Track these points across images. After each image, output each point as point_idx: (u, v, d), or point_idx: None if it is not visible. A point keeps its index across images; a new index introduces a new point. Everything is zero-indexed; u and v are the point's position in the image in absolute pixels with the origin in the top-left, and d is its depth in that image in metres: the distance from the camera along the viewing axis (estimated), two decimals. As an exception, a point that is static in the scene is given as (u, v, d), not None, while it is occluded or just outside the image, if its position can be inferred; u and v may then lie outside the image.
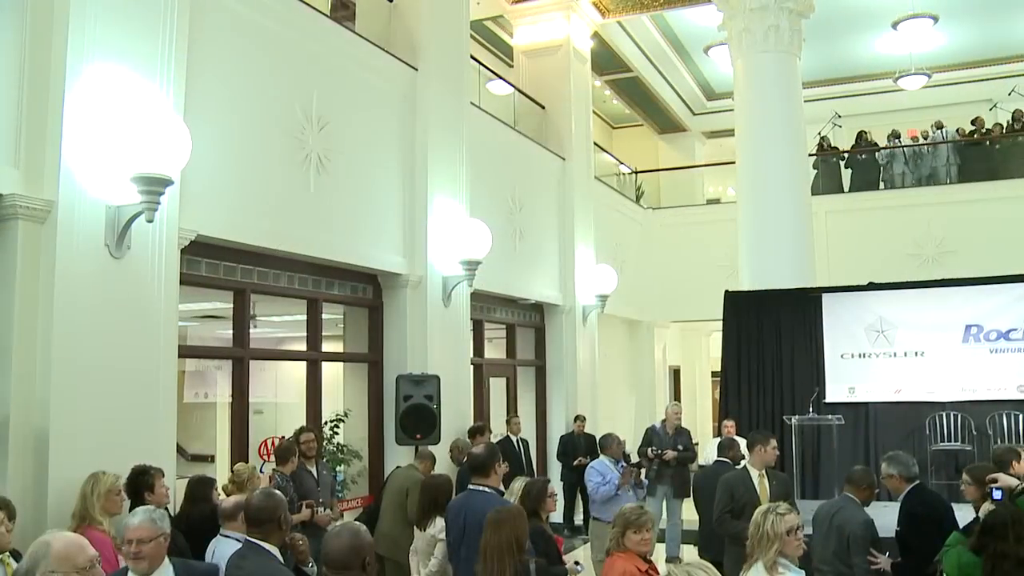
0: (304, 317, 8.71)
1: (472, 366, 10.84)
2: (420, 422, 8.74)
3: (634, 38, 16.58)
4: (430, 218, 9.46)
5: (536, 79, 13.72)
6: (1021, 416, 10.82)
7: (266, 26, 7.56)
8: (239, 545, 4.18)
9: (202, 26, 6.67)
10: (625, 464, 8.65)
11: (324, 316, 8.82)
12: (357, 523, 3.70)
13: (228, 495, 5.91)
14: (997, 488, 4.65)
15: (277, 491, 4.13)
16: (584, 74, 14.43)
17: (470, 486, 5.45)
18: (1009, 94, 16.91)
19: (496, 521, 4.54)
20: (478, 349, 11.47)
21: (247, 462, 6.58)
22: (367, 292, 9.27)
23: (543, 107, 13.58)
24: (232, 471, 6.47)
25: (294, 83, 7.85)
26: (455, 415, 9.57)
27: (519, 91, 13.40)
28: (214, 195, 6.81)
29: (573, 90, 13.81)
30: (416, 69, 9.59)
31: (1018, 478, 5.46)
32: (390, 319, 9.36)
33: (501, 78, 13.31)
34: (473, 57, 11.40)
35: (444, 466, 8.65)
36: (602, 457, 8.71)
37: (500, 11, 14.30)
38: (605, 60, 16.64)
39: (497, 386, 12.20)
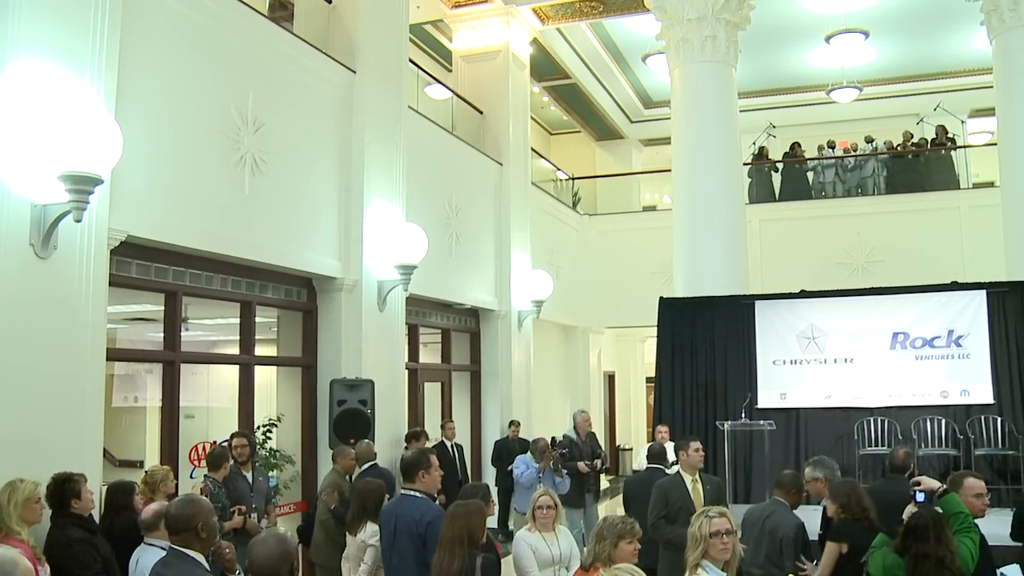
0: (237, 320, 8.58)
1: (407, 371, 10.80)
2: (354, 427, 8.68)
3: (573, 45, 16.70)
4: (366, 221, 9.40)
5: (475, 84, 13.73)
6: (943, 421, 11.13)
7: (202, 24, 7.44)
8: (163, 553, 4.09)
9: (135, 22, 6.53)
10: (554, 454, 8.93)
11: (257, 319, 8.69)
12: (283, 530, 3.65)
13: (142, 497, 5.79)
14: (920, 491, 4.77)
15: (201, 497, 4.04)
16: (523, 80, 14.49)
17: (401, 491, 5.43)
18: (935, 109, 17.39)
19: (452, 515, 4.62)
20: (413, 354, 11.43)
21: (165, 466, 6.41)
22: (301, 296, 9.17)
23: (481, 112, 13.59)
24: (146, 472, 6.28)
25: (230, 83, 7.74)
26: (389, 420, 9.52)
27: (457, 96, 13.39)
28: (146, 195, 6.67)
29: (511, 96, 13.84)
30: (354, 72, 9.52)
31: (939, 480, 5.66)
32: (324, 323, 9.27)
33: (440, 82, 13.29)
34: (412, 61, 11.35)
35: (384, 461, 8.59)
36: (529, 454, 9.42)
37: (440, 15, 14.28)
38: (544, 66, 16.72)
39: (432, 391, 12.16)
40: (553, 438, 10.17)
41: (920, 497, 4.74)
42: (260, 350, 9.03)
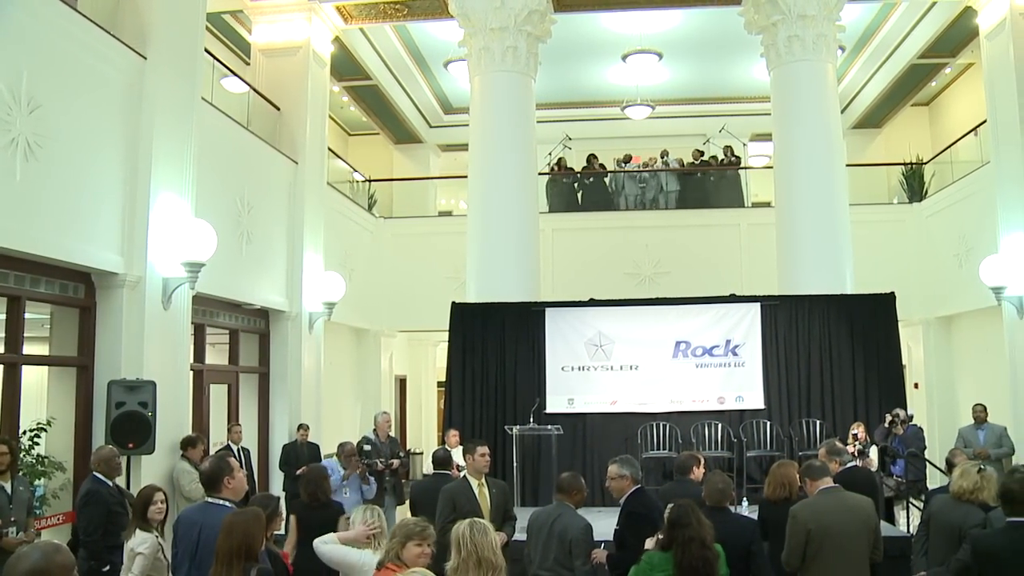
0: (3, 316, 7.96)
1: (192, 372, 10.37)
2: (133, 430, 8.25)
3: (375, 46, 16.60)
4: (152, 215, 8.95)
5: (273, 79, 13.38)
6: (719, 425, 11.84)
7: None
8: None
9: None
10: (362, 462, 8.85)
11: (27, 316, 8.09)
12: (54, 543, 3.35)
13: None
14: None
15: None
16: (322, 78, 14.25)
17: (206, 499, 5.19)
18: (720, 131, 18.48)
19: (230, 525, 4.36)
20: (199, 355, 10.99)
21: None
22: (79, 291, 8.60)
23: (278, 108, 13.26)
24: None
25: (1, 57, 7.16)
26: (172, 423, 9.09)
27: (254, 90, 13.01)
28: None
29: (310, 94, 13.58)
30: (145, 58, 9.05)
31: (697, 482, 6.08)
32: (104, 321, 8.73)
33: (237, 75, 12.86)
34: (208, 51, 10.93)
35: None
36: (334, 458, 9.27)
37: (239, 6, 13.82)
38: (345, 66, 16.52)
39: (218, 393, 11.72)
40: (360, 444, 10.04)
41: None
42: (29, 349, 8.42)
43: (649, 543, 5.20)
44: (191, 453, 8.95)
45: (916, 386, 16.56)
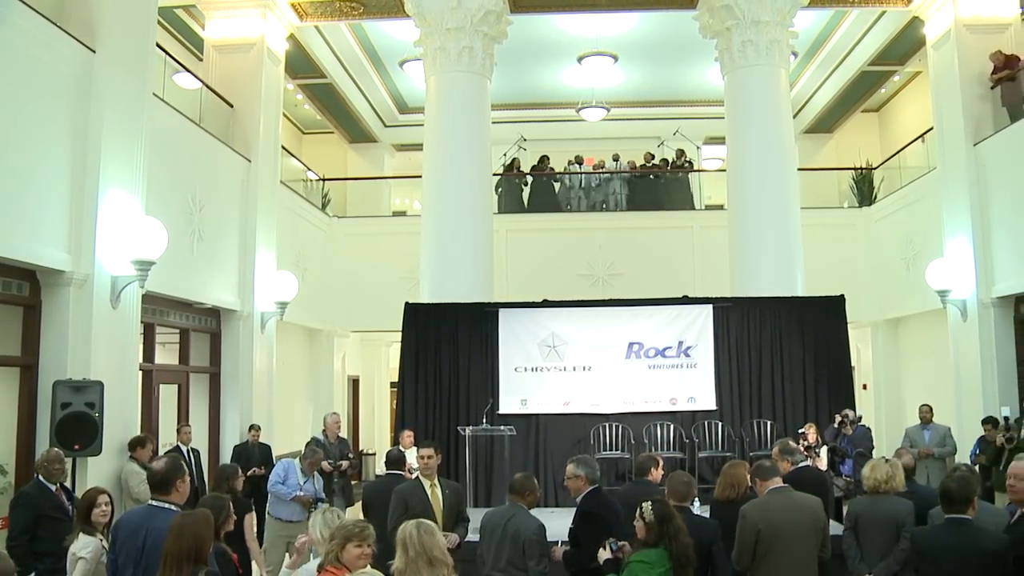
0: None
1: (141, 372, 10.22)
2: (79, 432, 8.09)
3: (331, 45, 16.48)
4: (101, 212, 8.78)
5: (226, 76, 13.22)
6: (671, 426, 11.92)
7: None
8: None
9: None
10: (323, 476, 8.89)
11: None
12: None
13: None
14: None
15: None
16: (277, 76, 14.11)
17: (151, 502, 5.09)
18: (674, 134, 18.65)
19: (179, 527, 4.28)
20: (148, 354, 10.82)
21: None
22: (23, 289, 8.41)
23: (231, 106, 13.11)
24: None
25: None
26: (120, 424, 8.94)
27: (207, 87, 12.84)
28: None
29: (264, 91, 13.44)
30: (94, 51, 8.88)
31: (655, 484, 6.14)
32: (49, 320, 8.54)
33: (189, 71, 12.68)
34: (159, 46, 10.77)
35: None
36: (296, 460, 9.10)
37: (192, 0, 13.64)
38: (300, 64, 16.39)
39: (168, 393, 11.56)
40: (337, 464, 10.04)
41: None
42: (-29, 347, 8.24)
43: (603, 554, 5.19)
44: (139, 454, 8.81)
45: (865, 387, 16.84)
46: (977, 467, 10.22)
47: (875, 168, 17.42)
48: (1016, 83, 12.34)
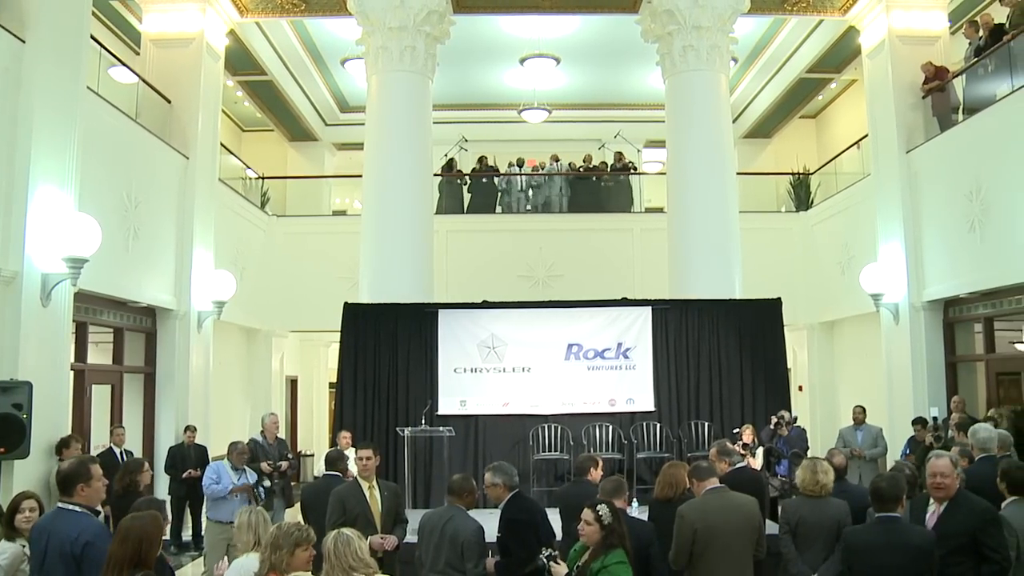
0: None
1: (72, 372, 9.97)
2: (6, 433, 7.88)
3: (272, 41, 16.28)
4: (30, 208, 8.55)
5: (164, 71, 12.98)
6: (610, 427, 11.99)
7: None
8: None
9: None
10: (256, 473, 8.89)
11: None
12: None
13: None
14: None
15: None
16: (216, 72, 13.91)
17: (59, 505, 4.93)
18: (615, 137, 18.75)
19: (126, 529, 4.17)
20: (80, 354, 10.60)
21: None
22: (-52, 286, 8.20)
23: (169, 101, 12.89)
24: None
25: None
26: (49, 425, 8.72)
27: (144, 81, 12.61)
28: None
29: (203, 87, 13.24)
30: (23, 41, 8.65)
31: (595, 484, 6.17)
32: (-25, 318, 8.34)
33: (125, 65, 12.44)
34: (94, 38, 10.54)
35: None
36: (225, 460, 8.96)
37: (129, -8, 13.41)
38: (240, 60, 16.17)
39: (101, 394, 11.32)
40: (277, 465, 9.91)
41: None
42: None
43: (558, 569, 5.12)
44: (67, 455, 8.58)
45: (800, 388, 17.12)
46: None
47: (812, 173, 17.73)
48: (946, 93, 12.67)
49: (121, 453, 10.34)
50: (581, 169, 18.18)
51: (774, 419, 11.30)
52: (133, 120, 11.63)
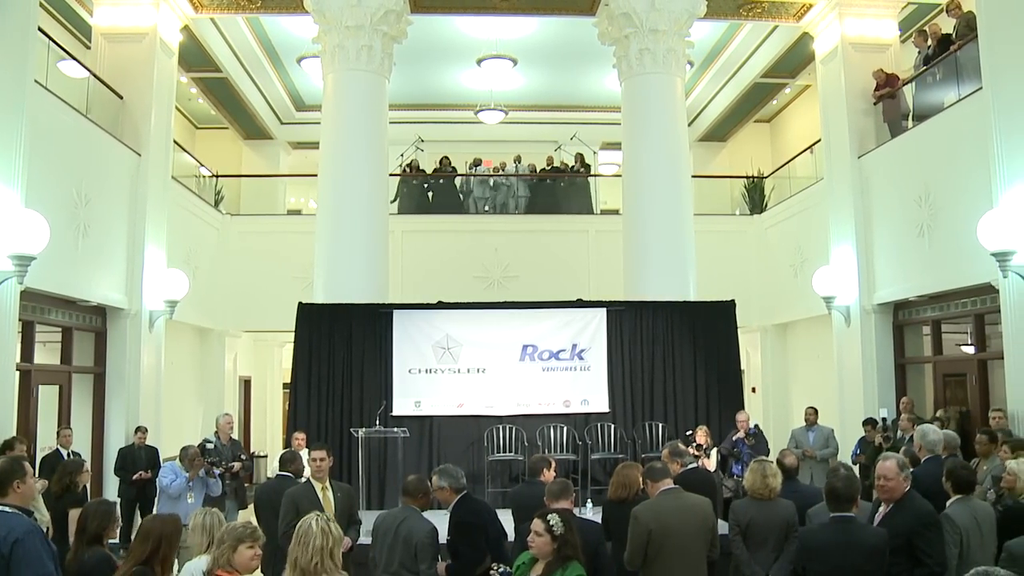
0: None
1: (18, 372, 9.78)
2: (-51, 434, 7.73)
3: (227, 38, 16.10)
4: (-24, 205, 8.41)
5: (116, 66, 12.78)
6: (565, 428, 12.03)
7: None
8: None
9: None
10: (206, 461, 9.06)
11: None
12: None
13: None
14: None
15: None
16: (169, 68, 13.72)
17: None
18: (571, 138, 18.81)
19: (146, 530, 4.39)
20: (27, 354, 10.39)
21: None
22: None
23: (121, 97, 12.69)
24: None
25: None
26: (-6, 426, 8.56)
27: (95, 76, 12.40)
28: None
29: (156, 83, 13.05)
30: (-30, 35, 8.50)
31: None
32: (-82, 316, 8.15)
33: (76, 60, 12.22)
34: (42, 30, 10.35)
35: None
36: (176, 462, 9.06)
37: (79, -15, 13.18)
38: (194, 56, 15.98)
39: (48, 395, 11.11)
40: (203, 445, 9.78)
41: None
42: None
43: None
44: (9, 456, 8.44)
45: (754, 390, 17.31)
46: (857, 466, 10.60)
47: (766, 177, 17.92)
48: (896, 100, 12.89)
49: (68, 455, 10.15)
50: (541, 171, 18.21)
51: (741, 433, 11.25)
52: (83, 115, 11.44)
